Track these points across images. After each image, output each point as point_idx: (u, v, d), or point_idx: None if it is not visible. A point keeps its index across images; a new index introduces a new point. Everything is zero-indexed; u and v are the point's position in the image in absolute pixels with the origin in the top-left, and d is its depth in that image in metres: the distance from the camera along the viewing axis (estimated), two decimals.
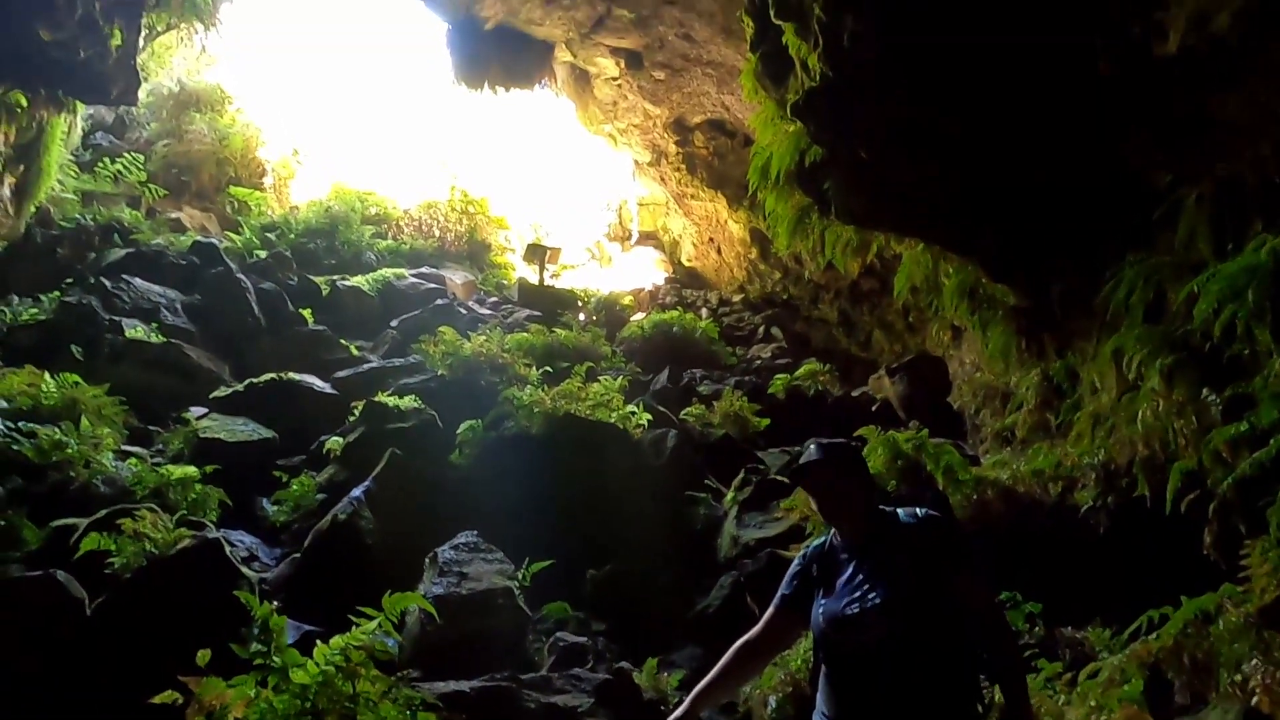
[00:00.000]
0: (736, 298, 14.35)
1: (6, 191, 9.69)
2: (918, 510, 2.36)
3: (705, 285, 15.62)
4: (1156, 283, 4.52)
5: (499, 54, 12.61)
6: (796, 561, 2.49)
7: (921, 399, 8.74)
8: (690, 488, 7.10)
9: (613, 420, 7.53)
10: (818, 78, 5.88)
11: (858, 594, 2.23)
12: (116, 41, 7.98)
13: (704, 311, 13.88)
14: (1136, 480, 4.58)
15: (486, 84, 13.02)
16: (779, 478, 6.76)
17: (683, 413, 8.64)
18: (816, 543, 2.49)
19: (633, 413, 7.82)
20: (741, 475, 7.01)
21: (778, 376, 9.96)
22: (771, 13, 6.28)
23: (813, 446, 2.41)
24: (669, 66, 11.91)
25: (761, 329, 13.09)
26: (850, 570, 2.29)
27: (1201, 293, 3.92)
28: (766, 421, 8.64)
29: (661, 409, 8.40)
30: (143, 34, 8.99)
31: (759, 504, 6.50)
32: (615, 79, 12.94)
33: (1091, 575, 4.67)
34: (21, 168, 9.74)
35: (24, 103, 8.58)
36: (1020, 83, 4.91)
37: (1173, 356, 4.21)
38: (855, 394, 9.82)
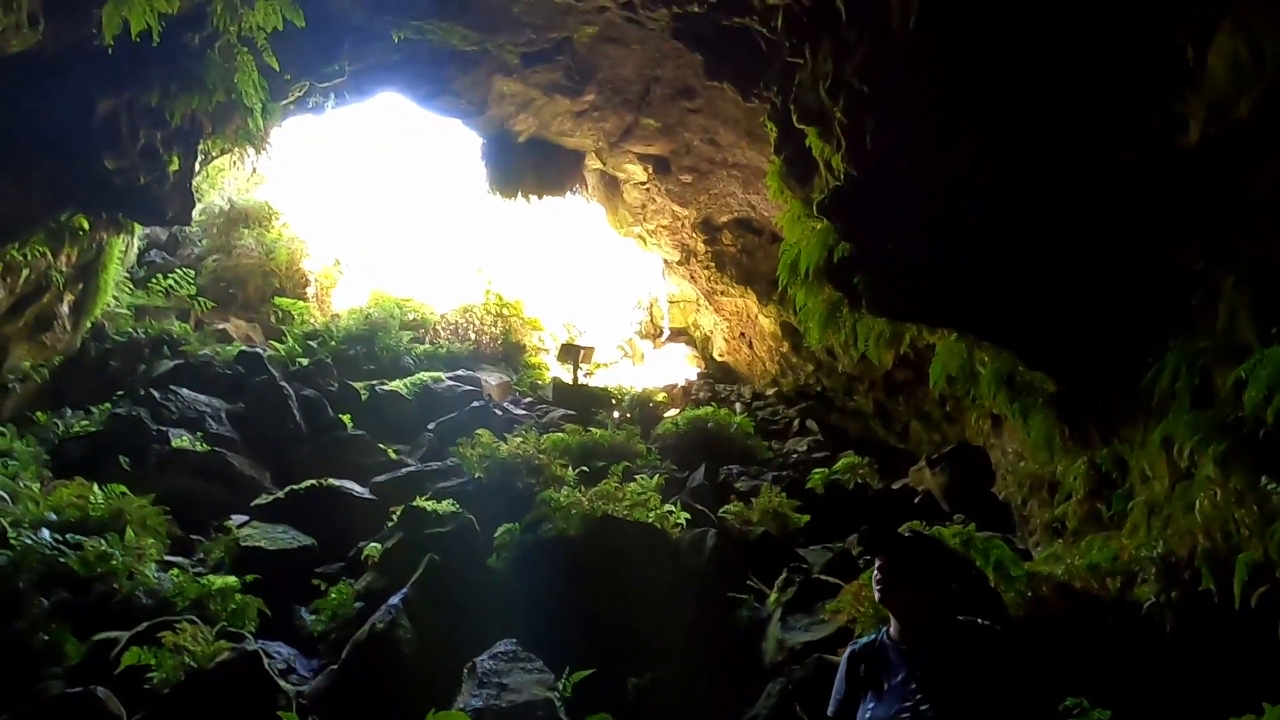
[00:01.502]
0: (770, 391, 14.32)
1: (65, 309, 10.14)
2: (977, 620, 2.28)
3: (738, 379, 15.65)
4: (1201, 368, 4.44)
5: (531, 164, 13.16)
6: (844, 663, 2.41)
7: (965, 490, 8.54)
8: (732, 589, 6.92)
9: (651, 520, 7.44)
10: (842, 177, 6.04)
11: (909, 703, 2.14)
12: (174, 167, 8.48)
13: (738, 406, 13.86)
14: (1200, 574, 4.39)
15: (520, 193, 13.53)
16: (823, 577, 6.59)
17: (721, 510, 8.52)
18: (865, 640, 2.41)
19: (670, 512, 7.73)
20: (784, 575, 6.83)
21: (816, 471, 9.82)
22: (794, 118, 6.53)
23: (907, 534, 2.36)
24: (695, 170, 12.30)
25: (796, 422, 13.00)
26: (903, 674, 2.20)
27: (1250, 379, 3.85)
28: (807, 518, 8.48)
29: (699, 507, 8.29)
30: (199, 159, 9.55)
31: (804, 605, 6.31)
32: (643, 183, 13.38)
33: (1161, 677, 4.42)
34: (80, 286, 10.21)
35: (86, 226, 9.07)
36: (1043, 173, 5.00)
37: (1226, 443, 4.09)
38: (896, 487, 9.63)
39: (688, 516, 7.79)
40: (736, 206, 12.89)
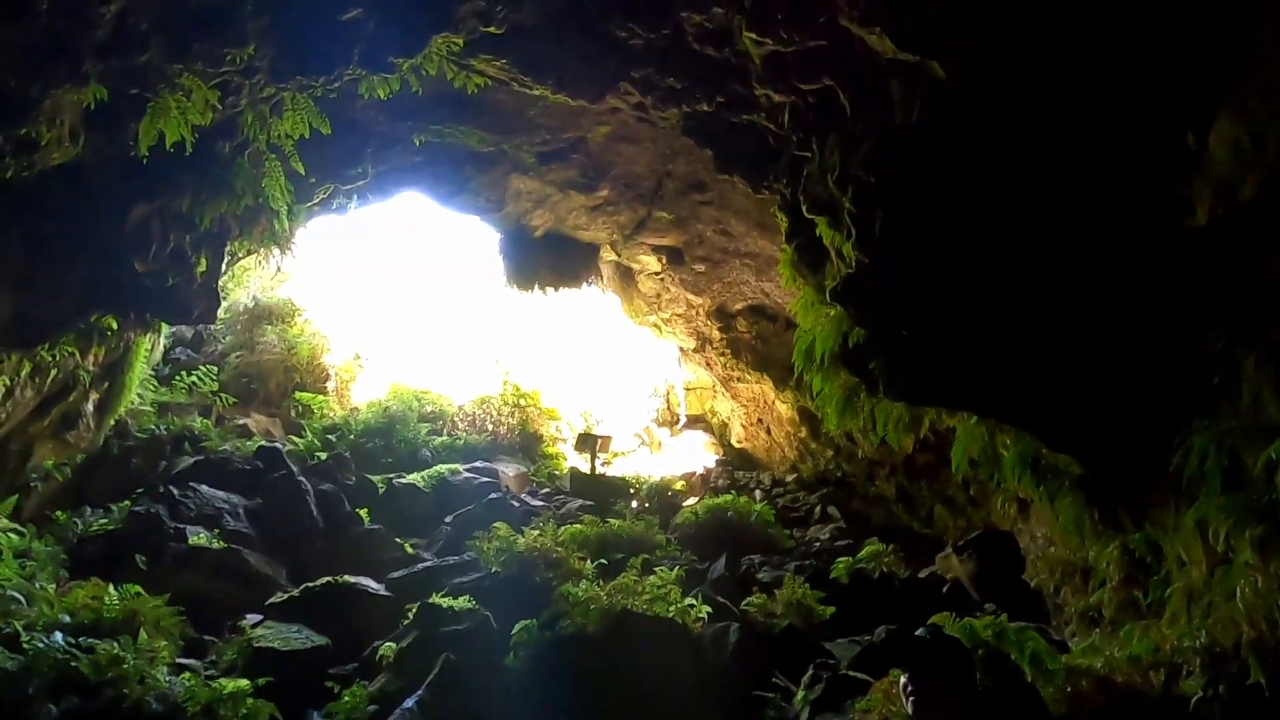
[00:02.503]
0: (790, 478, 14.14)
1: (90, 407, 10.28)
2: None
3: (757, 466, 15.48)
4: (1230, 449, 4.36)
5: (547, 258, 13.44)
6: None
7: (994, 578, 8.29)
8: (756, 686, 6.67)
9: (671, 614, 7.26)
10: (853, 265, 6.12)
11: None
12: (202, 268, 8.73)
13: (757, 493, 13.66)
14: (1248, 665, 4.20)
15: (537, 285, 13.78)
16: (852, 673, 6.34)
17: (743, 603, 8.30)
18: None
19: (692, 605, 7.54)
20: (811, 671, 6.59)
21: (840, 560, 9.59)
22: (804, 208, 6.67)
23: (927, 635, 2.29)
24: (708, 259, 12.52)
25: (818, 509, 12.77)
26: None
27: None
28: (832, 610, 8.23)
29: (721, 599, 8.09)
30: (226, 260, 9.83)
31: (832, 703, 6.06)
32: (658, 273, 13.61)
33: None
34: (106, 384, 10.37)
35: (115, 326, 9.28)
36: (1054, 259, 5.05)
37: (1262, 527, 3.98)
38: (923, 575, 9.37)
39: (709, 610, 7.59)
40: (750, 294, 13.04)
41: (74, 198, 6.96)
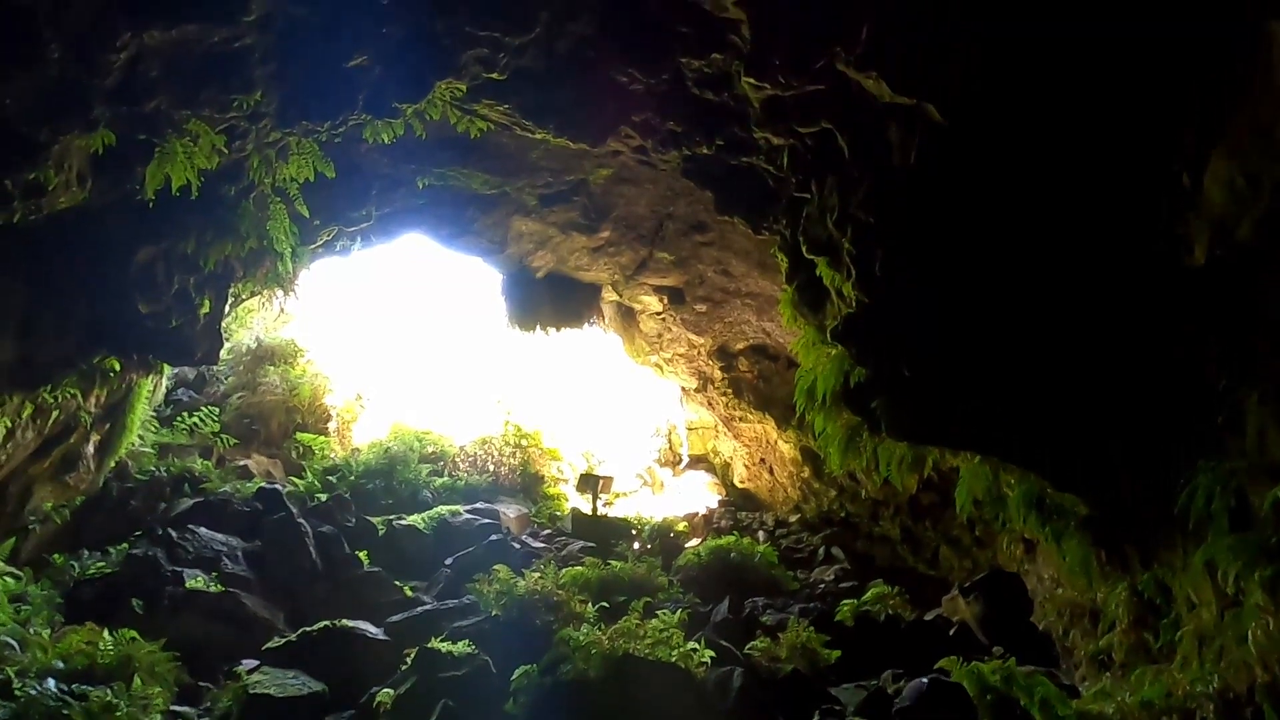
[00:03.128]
0: (793, 518, 14.02)
1: (90, 449, 10.25)
2: None
3: (760, 506, 15.36)
4: (1236, 488, 4.33)
5: (549, 298, 13.51)
6: None
7: (1002, 620, 8.17)
8: None
9: (674, 659, 7.13)
10: (854, 304, 6.15)
11: None
12: (206, 310, 8.78)
13: (761, 534, 13.54)
14: (1262, 710, 4.11)
15: (538, 326, 13.83)
16: (858, 719, 6.22)
17: (747, 647, 8.16)
18: None
19: (694, 649, 7.41)
20: (816, 717, 6.46)
21: (844, 602, 9.46)
22: (804, 249, 6.72)
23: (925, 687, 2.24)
24: (710, 300, 12.57)
25: (822, 550, 12.65)
26: None
27: None
28: (837, 653, 8.08)
29: (724, 643, 7.95)
30: (229, 302, 9.89)
31: None
32: (659, 313, 13.66)
33: None
34: (107, 426, 10.36)
35: (117, 367, 9.29)
36: (1054, 294, 5.06)
37: (1271, 568, 3.93)
38: (929, 617, 9.23)
39: (712, 654, 7.46)
40: (751, 334, 13.07)
41: (80, 241, 7.02)
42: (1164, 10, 4.11)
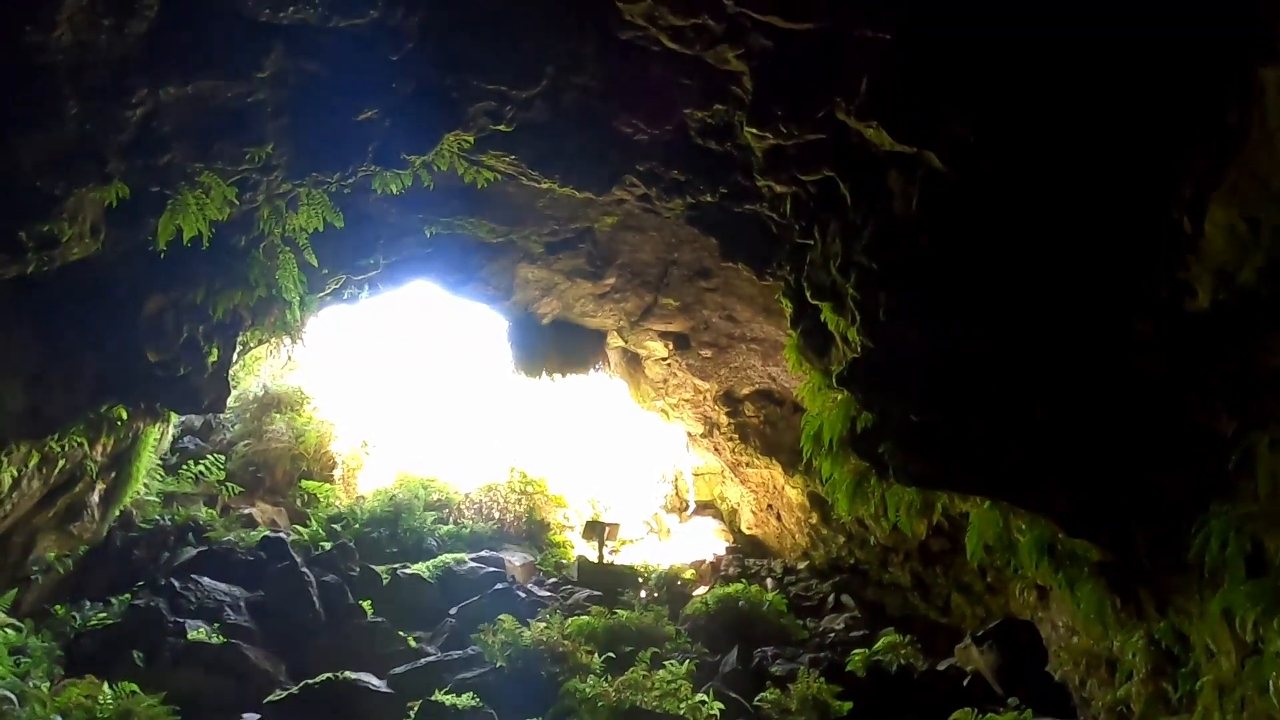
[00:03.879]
0: (802, 565, 13.85)
1: (95, 498, 10.23)
2: None
3: (768, 553, 15.19)
4: (1250, 534, 4.27)
5: (555, 344, 13.56)
6: None
7: (1016, 670, 8.01)
8: None
9: (682, 712, 7.02)
10: (859, 349, 6.15)
11: None
12: (213, 358, 8.83)
13: (769, 582, 13.36)
14: None
15: (544, 372, 13.85)
16: None
17: (756, 699, 8.03)
18: None
19: (703, 701, 7.30)
20: None
21: (855, 651, 9.31)
22: (808, 294, 6.76)
23: None
24: (715, 345, 12.60)
25: (831, 597, 12.47)
26: None
27: None
28: (849, 705, 7.95)
29: (733, 695, 7.84)
30: (237, 350, 9.95)
31: None
32: (664, 359, 13.68)
33: None
34: (113, 474, 10.35)
35: (124, 416, 9.32)
36: (1058, 339, 5.07)
37: None
38: (942, 667, 9.06)
39: (721, 706, 7.34)
40: (757, 379, 13.07)
41: (90, 291, 7.11)
42: (1158, 59, 4.19)
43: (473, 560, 13.37)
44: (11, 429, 7.53)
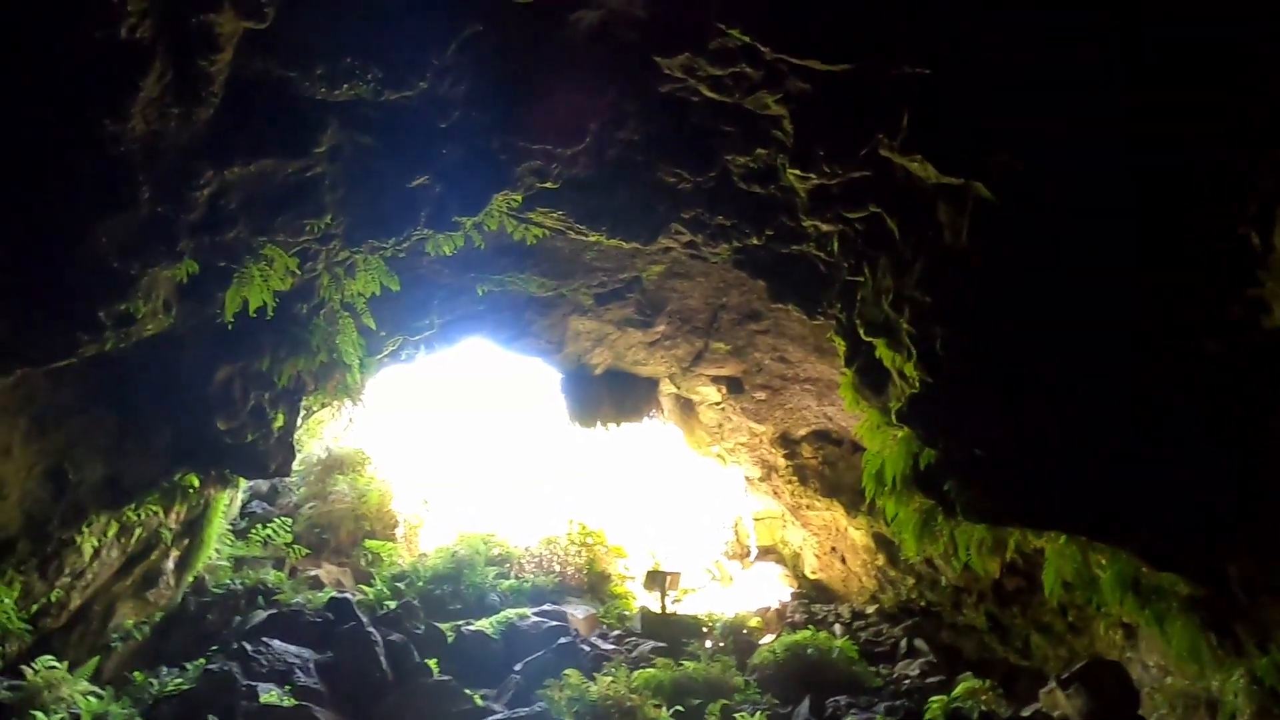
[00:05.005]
0: (870, 609, 13.46)
1: (170, 565, 10.51)
2: None
3: (834, 598, 14.81)
4: None
5: (608, 394, 13.64)
6: None
7: (1107, 713, 7.58)
8: None
9: None
10: (917, 385, 6.05)
11: None
12: (279, 424, 9.09)
13: (837, 627, 13.01)
14: None
15: (599, 422, 13.92)
16: None
17: None
18: None
19: None
20: None
21: (933, 699, 8.95)
22: (861, 331, 6.69)
23: None
24: (768, 387, 12.52)
25: (904, 642, 12.06)
26: None
27: None
28: None
29: None
30: (301, 415, 10.22)
31: None
32: (718, 403, 13.63)
33: None
34: (186, 541, 10.65)
35: (196, 483, 9.62)
36: (1126, 363, 4.91)
37: None
38: (1027, 713, 8.63)
39: None
40: (813, 419, 12.91)
41: (162, 364, 7.40)
42: (1217, 70, 4.10)
43: (535, 615, 13.32)
44: (92, 500, 7.82)
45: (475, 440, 22.62)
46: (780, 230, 7.14)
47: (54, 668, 7.88)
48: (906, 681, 10.66)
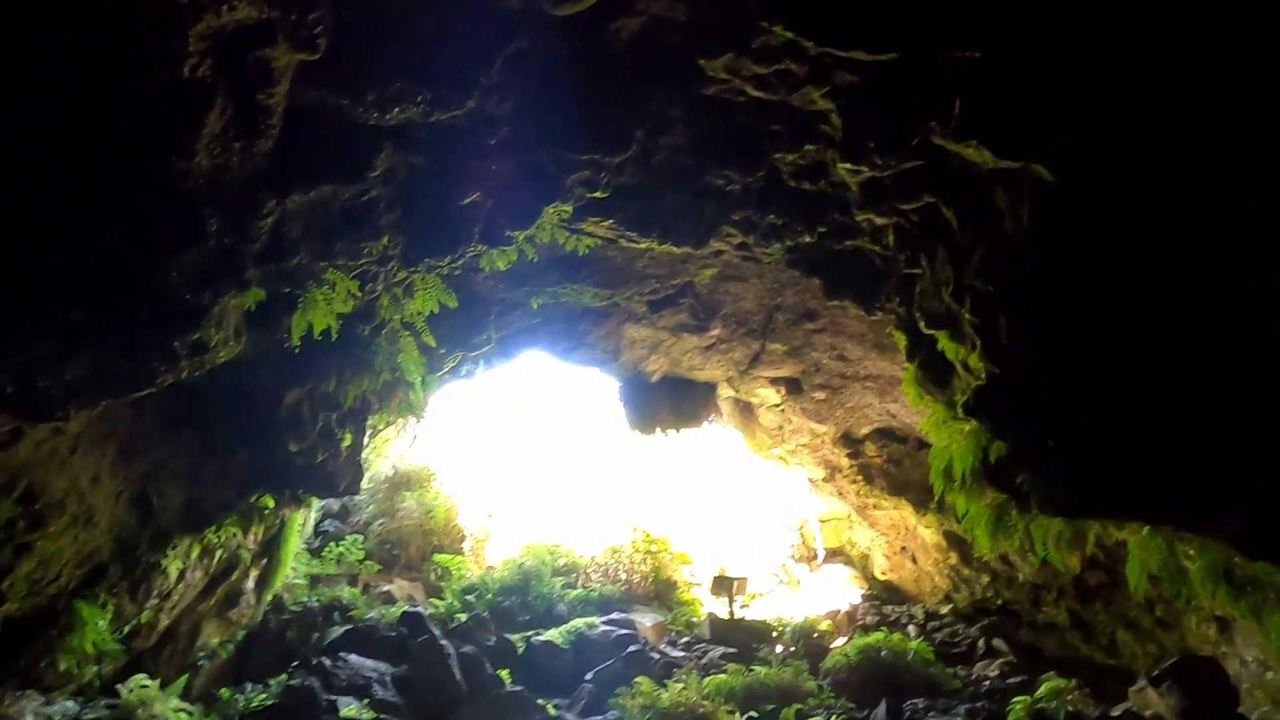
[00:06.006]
0: (944, 609, 13.14)
1: (250, 584, 10.85)
2: None
3: (906, 598, 14.50)
4: None
5: (666, 401, 13.64)
6: None
7: (1204, 712, 7.26)
8: None
9: None
10: (983, 376, 5.90)
11: None
12: (347, 444, 9.32)
13: (911, 629, 12.73)
14: None
15: (658, 428, 13.92)
16: None
17: None
18: None
19: None
20: None
21: (1016, 700, 8.68)
22: (921, 325, 6.56)
23: None
24: (828, 386, 12.35)
25: (981, 642, 11.74)
26: None
27: None
28: None
29: None
30: (367, 434, 10.47)
31: None
32: (777, 405, 13.50)
33: None
34: (264, 561, 10.98)
35: (271, 504, 9.92)
36: (1201, 340, 4.70)
37: None
38: (1117, 713, 8.31)
39: None
40: (875, 417, 12.69)
41: (235, 390, 7.66)
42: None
43: (604, 624, 13.36)
44: (175, 524, 8.13)
45: (536, 453, 22.85)
46: (833, 226, 7.04)
47: (146, 686, 8.19)
48: (986, 682, 10.37)
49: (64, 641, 7.23)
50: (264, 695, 9.81)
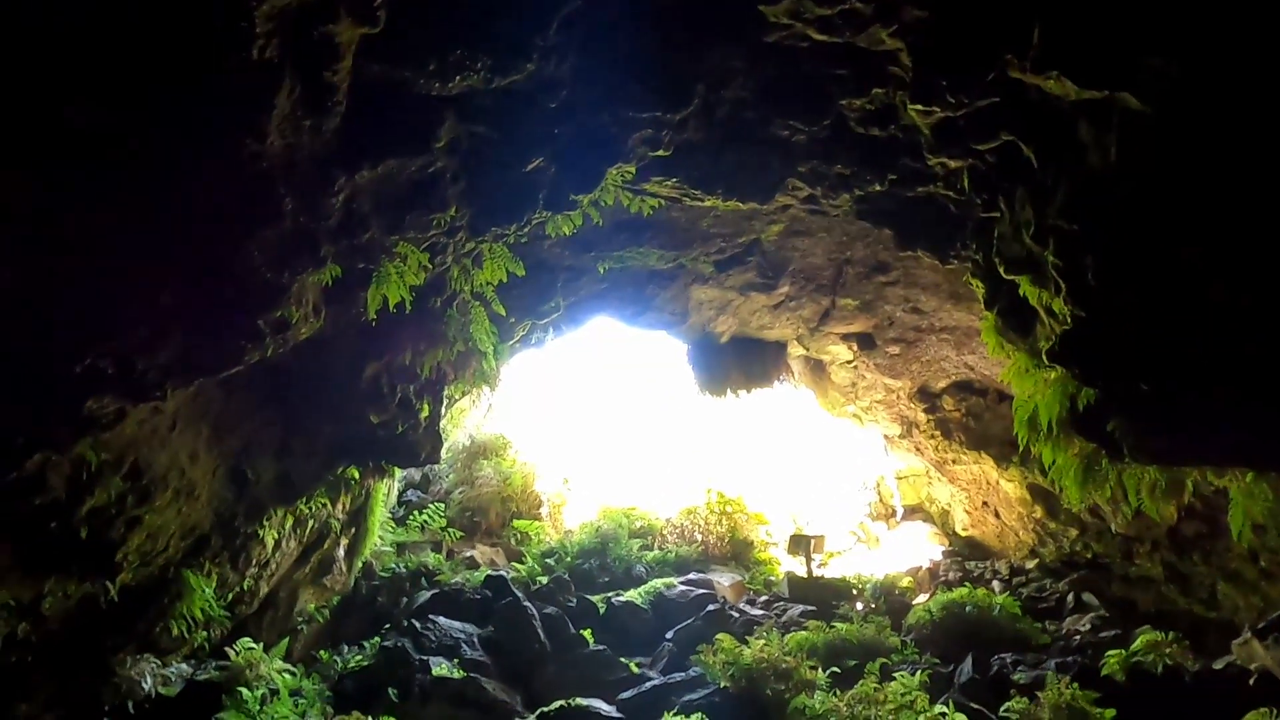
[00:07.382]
0: (1030, 564, 12.83)
1: (341, 552, 11.32)
2: None
3: (989, 554, 14.21)
4: None
5: (736, 361, 13.54)
6: None
7: None
8: None
9: None
10: (1069, 320, 5.66)
11: None
12: (425, 414, 9.56)
13: (995, 584, 12.49)
14: None
15: (728, 389, 13.86)
16: None
17: (1002, 709, 7.47)
18: None
19: (943, 713, 6.89)
20: None
21: (1110, 653, 8.44)
22: (1001, 270, 6.32)
23: None
24: (902, 340, 12.07)
25: (1070, 596, 11.45)
26: None
27: None
28: (1112, 712, 7.21)
29: (975, 706, 7.34)
30: (444, 404, 10.71)
31: None
32: (850, 362, 13.27)
33: None
34: (353, 530, 11.43)
35: (356, 475, 10.29)
36: None
37: None
38: (1219, 666, 8.03)
39: (964, 718, 6.87)
40: (952, 370, 12.36)
41: (317, 365, 7.91)
42: None
43: (682, 584, 13.50)
44: (269, 496, 8.50)
45: (608, 418, 23.04)
46: (904, 173, 6.81)
47: (252, 649, 8.65)
48: (1077, 637, 10.12)
49: (175, 608, 7.68)
50: (359, 656, 10.26)
